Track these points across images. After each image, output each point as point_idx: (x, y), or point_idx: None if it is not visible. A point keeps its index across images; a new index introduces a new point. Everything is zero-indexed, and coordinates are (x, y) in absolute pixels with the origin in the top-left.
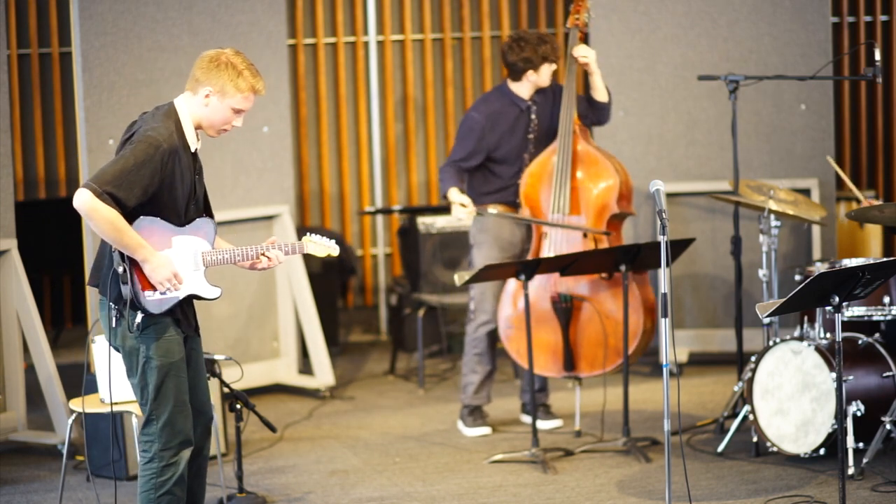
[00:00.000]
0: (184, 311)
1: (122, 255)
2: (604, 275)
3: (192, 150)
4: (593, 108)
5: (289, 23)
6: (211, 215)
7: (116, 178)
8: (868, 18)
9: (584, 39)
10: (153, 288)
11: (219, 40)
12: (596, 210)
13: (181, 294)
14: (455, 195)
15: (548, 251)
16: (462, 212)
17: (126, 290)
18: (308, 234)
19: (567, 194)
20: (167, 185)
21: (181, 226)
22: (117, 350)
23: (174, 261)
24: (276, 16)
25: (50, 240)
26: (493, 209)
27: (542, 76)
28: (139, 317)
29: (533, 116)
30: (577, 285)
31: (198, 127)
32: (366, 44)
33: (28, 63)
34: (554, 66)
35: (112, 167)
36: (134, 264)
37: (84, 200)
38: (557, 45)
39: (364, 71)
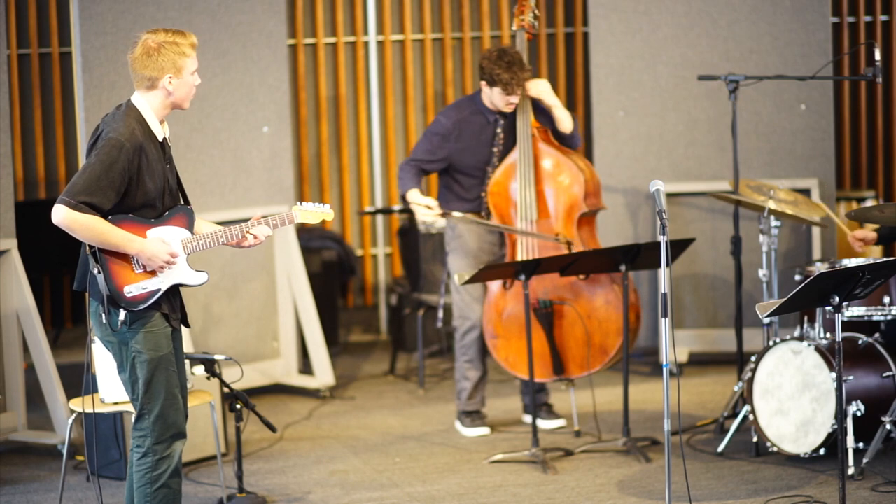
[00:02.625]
0: (170, 303)
1: (94, 257)
2: (581, 276)
3: (160, 139)
4: (559, 137)
5: (289, 23)
6: (187, 202)
7: (88, 186)
8: (868, 18)
9: (532, 40)
10: (131, 281)
11: (219, 40)
12: (565, 211)
13: (163, 286)
14: (417, 196)
15: (521, 257)
16: (428, 214)
17: (103, 289)
18: (298, 203)
19: (533, 199)
20: (136, 182)
21: (156, 217)
22: (107, 346)
23: (165, 239)
24: (276, 16)
25: (50, 240)
26: (458, 213)
27: (493, 95)
28: (122, 314)
29: (499, 130)
30: (555, 289)
31: (165, 116)
32: (366, 44)
33: (28, 63)
34: (510, 97)
35: (82, 177)
36: (109, 261)
37: (62, 216)
38: (524, 82)
39: (364, 71)
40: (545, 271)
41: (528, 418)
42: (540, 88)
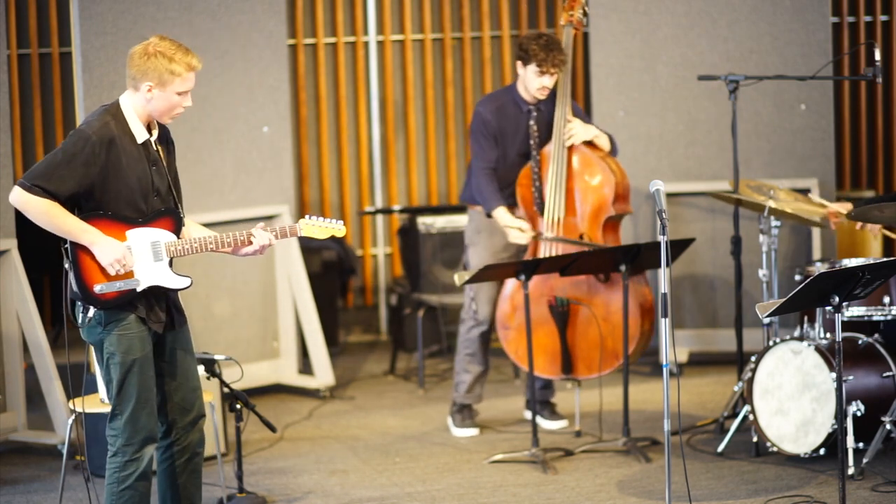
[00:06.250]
0: (149, 305)
1: (66, 252)
2: (600, 277)
3: (140, 141)
4: None
5: (289, 23)
6: (177, 207)
7: (46, 172)
8: (868, 18)
9: (584, 37)
10: (102, 280)
11: (219, 40)
12: (592, 211)
13: (139, 286)
14: (507, 217)
15: (544, 253)
16: (521, 237)
17: (73, 285)
18: (307, 217)
19: (562, 197)
20: (108, 177)
21: (139, 219)
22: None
23: (130, 248)
24: (276, 16)
25: (50, 240)
26: (549, 234)
27: (527, 74)
28: (91, 311)
29: (531, 122)
30: (573, 288)
31: (150, 119)
32: (366, 44)
33: (28, 63)
34: (543, 78)
35: (43, 163)
36: (79, 258)
37: (16, 196)
38: (559, 64)
39: (364, 71)
40: (545, 271)
41: (528, 414)
42: (576, 132)
